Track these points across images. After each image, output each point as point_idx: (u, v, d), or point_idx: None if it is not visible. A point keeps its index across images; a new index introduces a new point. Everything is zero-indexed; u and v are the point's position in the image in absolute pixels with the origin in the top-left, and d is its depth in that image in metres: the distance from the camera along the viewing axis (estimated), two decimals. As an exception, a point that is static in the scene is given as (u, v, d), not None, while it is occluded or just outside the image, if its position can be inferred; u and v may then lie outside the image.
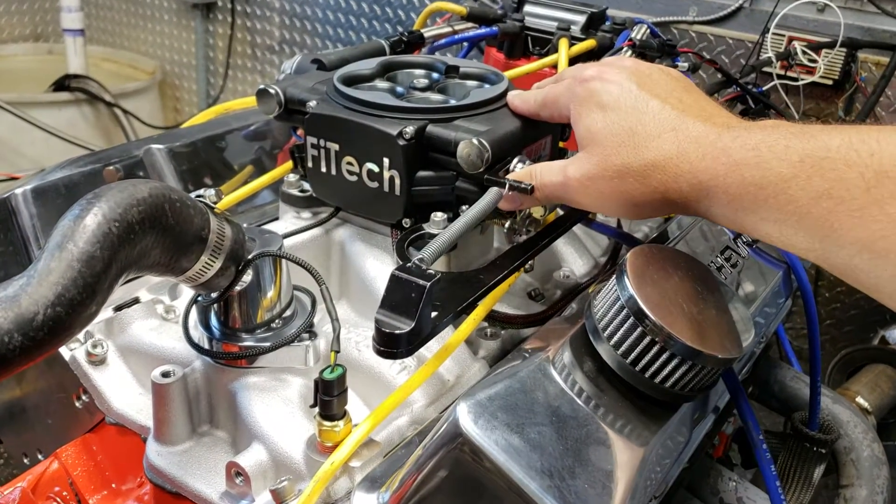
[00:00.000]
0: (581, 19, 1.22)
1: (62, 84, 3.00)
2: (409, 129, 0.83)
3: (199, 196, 0.75)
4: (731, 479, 0.92)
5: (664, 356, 0.62)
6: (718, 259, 0.87)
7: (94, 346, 0.87)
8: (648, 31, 1.19)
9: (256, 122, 1.27)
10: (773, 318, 0.93)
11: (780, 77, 1.78)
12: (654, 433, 0.64)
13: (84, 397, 0.88)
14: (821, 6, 2.21)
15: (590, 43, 1.16)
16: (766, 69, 1.94)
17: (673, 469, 0.75)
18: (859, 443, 1.05)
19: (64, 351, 0.88)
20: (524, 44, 1.24)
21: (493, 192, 0.79)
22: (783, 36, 2.13)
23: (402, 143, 0.83)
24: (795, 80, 1.72)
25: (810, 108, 2.09)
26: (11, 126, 2.80)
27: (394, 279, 0.66)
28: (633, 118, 0.69)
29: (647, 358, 0.63)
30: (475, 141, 0.80)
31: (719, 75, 1.25)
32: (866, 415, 1.93)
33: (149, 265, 0.70)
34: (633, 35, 1.14)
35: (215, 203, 0.77)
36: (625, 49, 1.10)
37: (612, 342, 0.64)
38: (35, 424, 1.00)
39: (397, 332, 0.65)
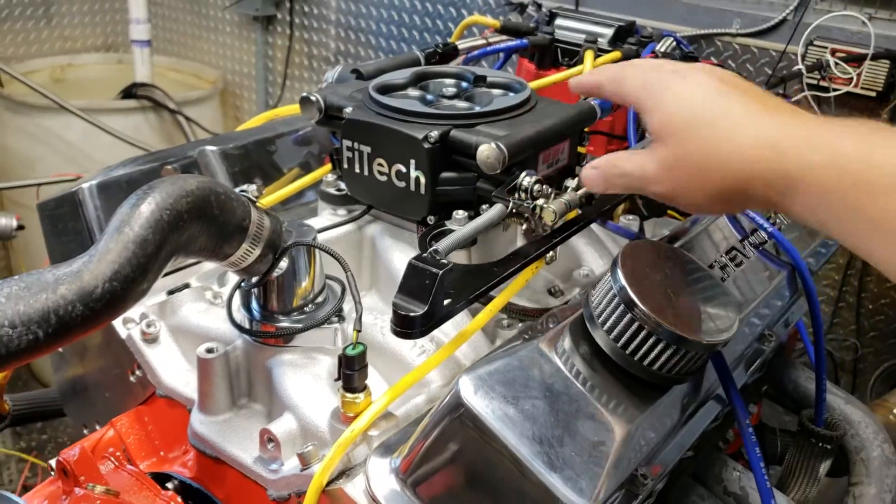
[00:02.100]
0: (609, 32, 1.28)
1: (130, 92, 3.16)
2: (434, 134, 0.91)
3: (242, 191, 0.84)
4: (736, 469, 0.97)
5: (651, 341, 0.68)
6: (723, 258, 0.92)
7: (148, 326, 0.96)
8: (674, 42, 1.24)
9: (304, 128, 1.36)
10: (778, 317, 0.98)
11: (811, 87, 1.80)
12: (642, 411, 0.69)
13: (138, 372, 0.98)
14: (864, 19, 2.22)
15: (615, 55, 1.22)
16: (808, 78, 1.97)
17: (667, 450, 0.81)
18: (870, 443, 1.09)
19: (121, 330, 0.97)
20: (554, 55, 1.31)
21: (498, 207, 0.86)
22: (826, 48, 2.15)
23: (426, 146, 0.91)
24: (827, 90, 1.75)
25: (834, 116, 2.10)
26: (82, 131, 2.97)
27: (410, 267, 0.74)
28: (715, 109, 0.68)
29: (636, 342, 0.69)
30: (494, 145, 0.87)
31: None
32: (904, 427, 1.93)
33: (196, 250, 0.78)
34: (657, 48, 1.20)
35: (257, 198, 0.86)
36: (648, 61, 1.16)
37: (606, 328, 0.71)
38: (95, 398, 1.10)
39: (412, 314, 0.72)
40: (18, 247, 3.08)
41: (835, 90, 2.05)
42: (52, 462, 0.93)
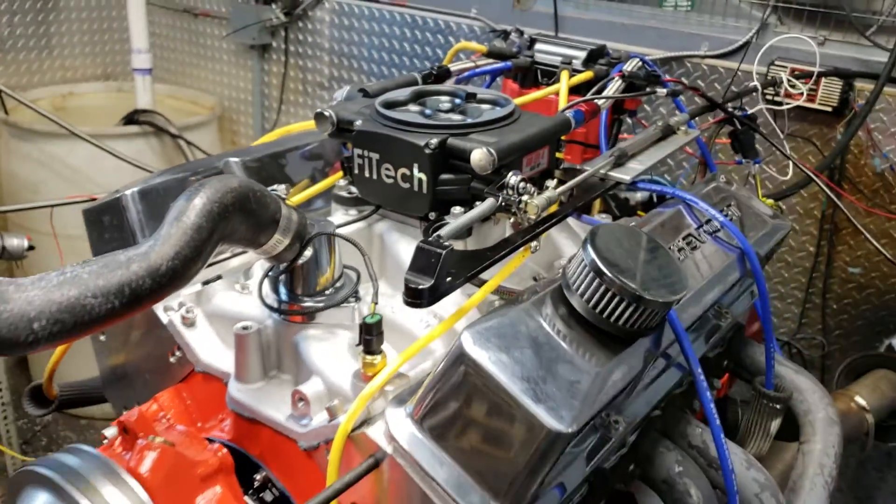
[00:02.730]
0: (582, 55, 1.45)
1: (132, 118, 3.31)
2: (434, 141, 1.07)
3: (273, 190, 1.00)
4: (698, 426, 1.12)
5: (616, 300, 0.84)
6: (680, 242, 1.08)
7: (187, 312, 1.11)
8: (641, 63, 1.41)
9: (311, 144, 1.52)
10: (729, 292, 1.13)
11: (767, 102, 1.99)
12: (610, 358, 0.85)
13: (178, 353, 1.12)
14: (821, 40, 2.42)
15: (588, 74, 1.39)
16: (765, 93, 2.15)
17: (636, 404, 0.96)
18: (816, 406, 1.24)
19: (163, 316, 1.12)
20: (534, 75, 1.47)
21: (489, 201, 1.02)
22: (785, 67, 2.34)
23: (427, 151, 1.07)
24: (780, 104, 1.93)
25: (796, 129, 2.30)
26: (87, 156, 3.11)
27: (418, 249, 0.89)
28: None
29: (603, 302, 0.84)
30: (485, 150, 1.03)
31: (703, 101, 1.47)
32: (864, 413, 2.10)
33: (237, 239, 0.94)
34: (624, 67, 1.36)
35: (285, 197, 1.01)
36: (616, 79, 1.32)
37: (579, 293, 0.86)
38: (135, 382, 1.24)
39: (420, 286, 0.87)
40: (28, 269, 3.20)
41: (787, 104, 2.24)
42: (106, 431, 1.07)
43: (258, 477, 1.00)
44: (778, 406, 1.19)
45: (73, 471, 0.86)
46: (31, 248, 2.85)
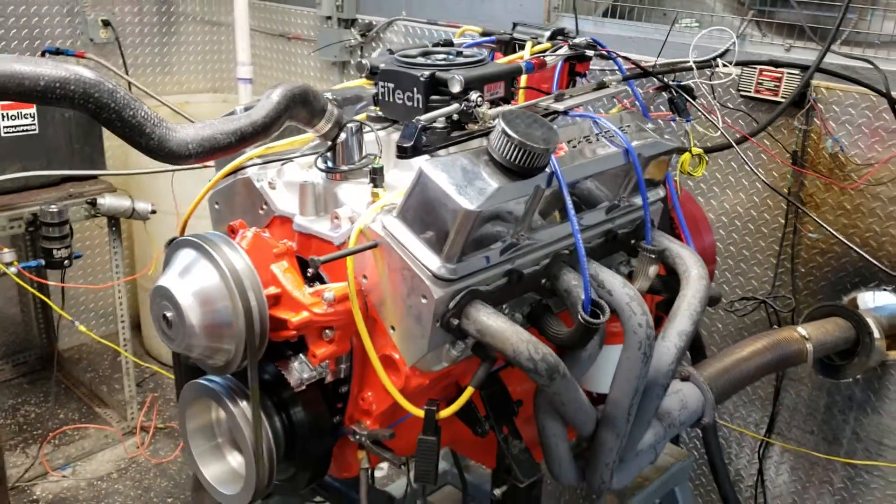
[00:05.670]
0: (547, 33, 2.07)
1: (235, 118, 4.08)
2: (425, 73, 1.70)
3: (324, 93, 1.65)
4: (594, 263, 1.69)
5: (511, 146, 1.44)
6: (580, 137, 1.68)
7: (271, 180, 1.76)
8: (591, 40, 2.02)
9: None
10: (617, 175, 1.72)
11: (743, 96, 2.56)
12: (510, 181, 1.45)
13: (264, 207, 1.77)
14: (787, 47, 2.98)
15: (547, 45, 2.00)
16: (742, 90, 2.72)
17: (539, 230, 1.56)
18: (690, 266, 1.79)
19: (256, 184, 1.77)
20: (513, 48, 2.09)
21: (454, 105, 1.64)
22: (755, 68, 2.90)
23: (422, 80, 1.70)
24: (713, 78, 2.50)
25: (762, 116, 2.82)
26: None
27: (405, 126, 1.52)
28: None
29: (505, 148, 1.45)
30: (457, 76, 1.66)
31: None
32: (805, 341, 2.58)
33: (300, 118, 1.59)
34: (575, 41, 1.98)
35: (331, 99, 1.66)
36: (563, 46, 1.93)
37: (496, 147, 1.47)
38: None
39: (405, 145, 1.51)
40: (150, 228, 3.94)
41: (758, 98, 2.81)
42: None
43: (310, 272, 1.63)
44: (653, 256, 1.76)
45: (206, 238, 1.50)
46: (153, 211, 3.63)
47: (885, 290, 2.88)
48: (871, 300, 2.91)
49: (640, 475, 2.36)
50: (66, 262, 3.27)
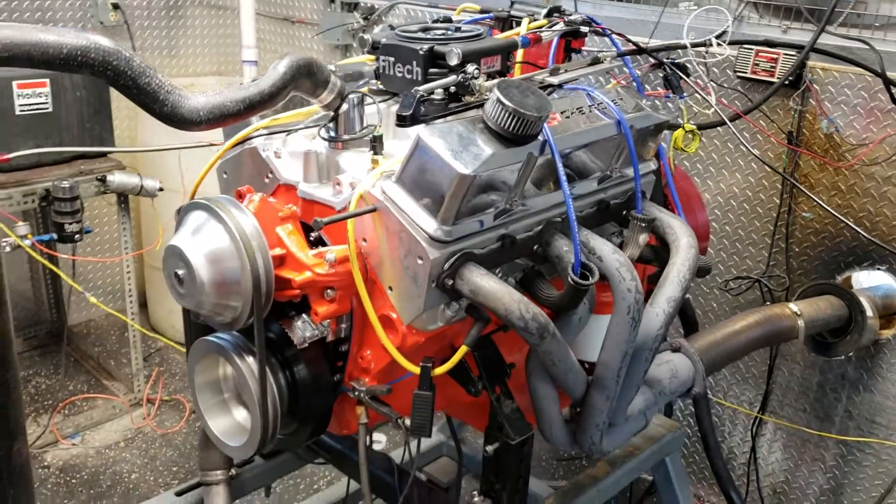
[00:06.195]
0: (543, 10, 2.13)
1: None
2: (424, 47, 1.77)
3: (328, 65, 1.72)
4: (585, 230, 1.76)
5: (505, 113, 1.51)
6: (573, 108, 1.74)
7: (276, 149, 1.83)
8: (586, 17, 2.09)
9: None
10: (608, 144, 1.78)
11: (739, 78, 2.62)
12: (504, 147, 1.52)
13: (270, 175, 1.84)
14: (784, 28, 3.04)
15: (543, 22, 2.07)
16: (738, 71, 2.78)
17: (533, 198, 1.62)
18: (680, 236, 1.86)
19: (262, 153, 1.84)
20: (510, 24, 2.15)
21: (451, 77, 1.71)
22: (752, 49, 2.96)
23: (421, 53, 1.76)
24: (707, 57, 2.56)
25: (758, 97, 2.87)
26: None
27: (404, 95, 1.59)
28: None
29: (499, 115, 1.51)
30: (455, 49, 1.72)
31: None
32: (796, 317, 2.65)
33: (304, 89, 1.66)
34: (570, 17, 2.04)
35: (333, 72, 1.73)
36: (559, 23, 2.00)
37: (491, 116, 1.53)
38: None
39: (404, 114, 1.57)
40: (158, 204, 4.02)
41: (755, 79, 2.87)
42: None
43: (313, 236, 1.70)
44: (643, 224, 1.82)
45: (216, 201, 1.58)
46: (161, 188, 3.71)
47: (879, 269, 2.94)
48: (866, 279, 2.98)
49: (631, 444, 2.43)
50: (76, 236, 3.36)
